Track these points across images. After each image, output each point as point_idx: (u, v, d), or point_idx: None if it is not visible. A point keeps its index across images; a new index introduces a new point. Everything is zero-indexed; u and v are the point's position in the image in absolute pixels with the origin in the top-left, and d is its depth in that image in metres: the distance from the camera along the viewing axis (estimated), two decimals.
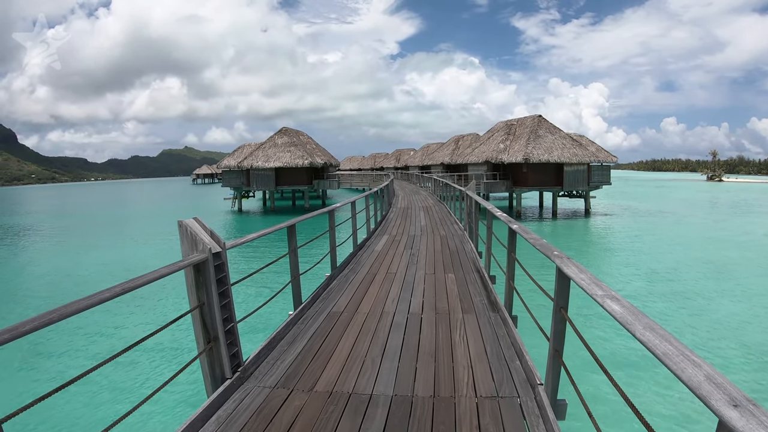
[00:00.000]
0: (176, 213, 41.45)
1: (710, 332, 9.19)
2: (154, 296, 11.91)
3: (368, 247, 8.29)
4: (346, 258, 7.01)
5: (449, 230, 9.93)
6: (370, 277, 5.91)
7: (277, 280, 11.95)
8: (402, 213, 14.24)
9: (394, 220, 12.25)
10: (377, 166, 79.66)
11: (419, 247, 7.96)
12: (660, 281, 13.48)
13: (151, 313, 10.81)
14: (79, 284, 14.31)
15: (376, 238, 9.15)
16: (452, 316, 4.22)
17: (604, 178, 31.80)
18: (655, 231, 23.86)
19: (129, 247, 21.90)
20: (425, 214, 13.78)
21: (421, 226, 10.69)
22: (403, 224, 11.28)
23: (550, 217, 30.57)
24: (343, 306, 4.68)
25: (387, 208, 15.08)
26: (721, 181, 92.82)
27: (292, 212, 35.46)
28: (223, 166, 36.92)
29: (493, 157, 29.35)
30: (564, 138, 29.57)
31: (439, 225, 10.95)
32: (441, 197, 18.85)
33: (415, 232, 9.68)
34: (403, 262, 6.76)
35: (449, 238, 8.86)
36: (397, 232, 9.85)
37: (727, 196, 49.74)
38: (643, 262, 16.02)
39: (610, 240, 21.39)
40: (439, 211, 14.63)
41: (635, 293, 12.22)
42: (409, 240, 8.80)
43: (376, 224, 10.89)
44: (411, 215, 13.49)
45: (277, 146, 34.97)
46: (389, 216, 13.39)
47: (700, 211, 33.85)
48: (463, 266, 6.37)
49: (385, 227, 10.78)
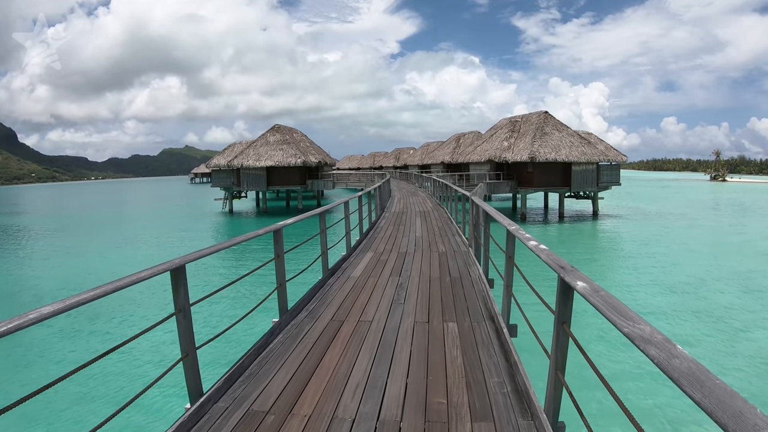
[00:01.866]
0: (164, 215, 39.93)
1: (756, 366, 7.58)
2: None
3: (344, 271, 6.38)
4: (308, 291, 5.05)
5: (450, 244, 8.18)
6: (330, 333, 3.94)
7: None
8: (395, 219, 12.50)
9: (385, 229, 10.44)
10: (376, 165, 78.38)
11: (410, 273, 6.15)
12: (685, 296, 11.86)
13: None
14: (22, 303, 12.72)
15: (357, 257, 7.35)
16: (455, 427, 2.45)
17: (613, 178, 30.15)
18: (669, 235, 22.22)
19: (103, 253, 20.27)
20: (422, 221, 12.02)
21: (416, 239, 8.90)
22: (394, 235, 9.52)
23: (556, 219, 28.93)
24: (267, 405, 2.77)
25: (379, 213, 13.39)
26: (725, 181, 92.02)
27: (285, 213, 33.82)
28: (213, 165, 35.24)
29: (497, 155, 27.67)
30: (572, 136, 27.88)
31: (438, 237, 9.14)
32: (441, 198, 17.16)
33: (407, 248, 7.89)
34: (385, 301, 4.85)
35: (450, 257, 7.14)
36: (385, 247, 8.06)
37: (734, 197, 48.36)
38: (664, 273, 14.39)
39: (623, 246, 19.71)
40: (438, 217, 12.93)
41: (659, 310, 10.63)
42: (398, 260, 6.98)
43: (363, 234, 9.18)
44: (405, 222, 11.73)
45: (269, 144, 33.30)
46: (380, 223, 11.62)
47: (712, 213, 32.24)
48: (470, 308, 4.54)
49: (371, 240, 9.01)
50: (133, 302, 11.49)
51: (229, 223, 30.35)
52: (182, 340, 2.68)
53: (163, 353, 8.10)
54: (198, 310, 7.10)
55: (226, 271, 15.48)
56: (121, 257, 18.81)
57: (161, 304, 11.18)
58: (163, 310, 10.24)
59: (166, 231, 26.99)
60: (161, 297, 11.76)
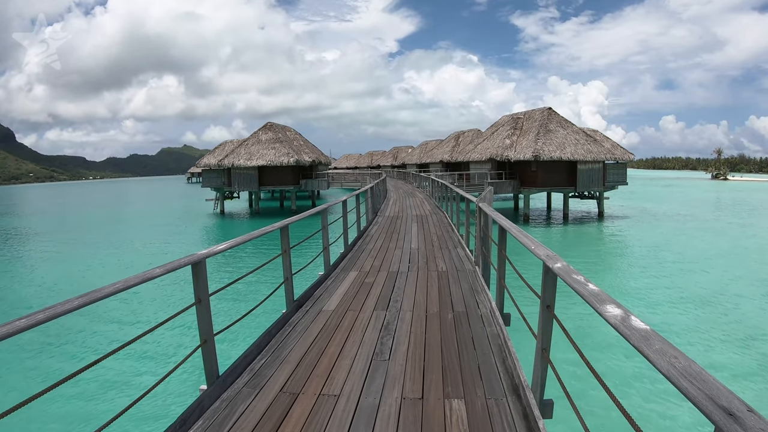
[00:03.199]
0: (153, 217, 38.62)
1: None
2: None
3: (315, 301, 4.89)
4: (258, 341, 3.70)
5: (452, 260, 6.77)
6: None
7: None
8: (389, 225, 11.10)
9: (375, 239, 8.97)
10: (374, 164, 77.25)
11: (401, 304, 4.70)
12: (710, 310, 10.57)
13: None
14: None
15: (336, 279, 5.85)
16: None
17: (620, 177, 28.85)
18: (681, 239, 20.97)
19: (83, 260, 18.96)
20: (419, 227, 10.61)
21: (411, 252, 7.52)
22: (385, 246, 8.14)
23: (560, 220, 27.67)
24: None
25: (371, 217, 12.07)
26: (726, 179, 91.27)
27: (279, 215, 32.51)
28: (203, 164, 33.89)
29: (498, 154, 26.37)
30: (577, 133, 26.59)
31: (437, 248, 7.77)
32: (440, 199, 15.78)
33: (399, 265, 6.46)
34: (362, 356, 3.47)
35: (452, 278, 5.67)
36: (373, 265, 6.59)
37: (739, 196, 47.35)
38: (684, 283, 13.10)
39: (635, 252, 18.40)
40: (437, 222, 11.62)
41: (687, 330, 9.34)
42: (387, 284, 5.52)
43: (348, 246, 7.72)
44: (400, 229, 10.32)
45: (261, 143, 31.95)
46: (371, 231, 10.14)
47: (721, 214, 31.03)
48: (482, 370, 3.17)
49: (358, 253, 7.57)
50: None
51: (220, 226, 29.03)
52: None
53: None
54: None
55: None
56: (100, 265, 17.50)
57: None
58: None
59: (153, 235, 25.68)
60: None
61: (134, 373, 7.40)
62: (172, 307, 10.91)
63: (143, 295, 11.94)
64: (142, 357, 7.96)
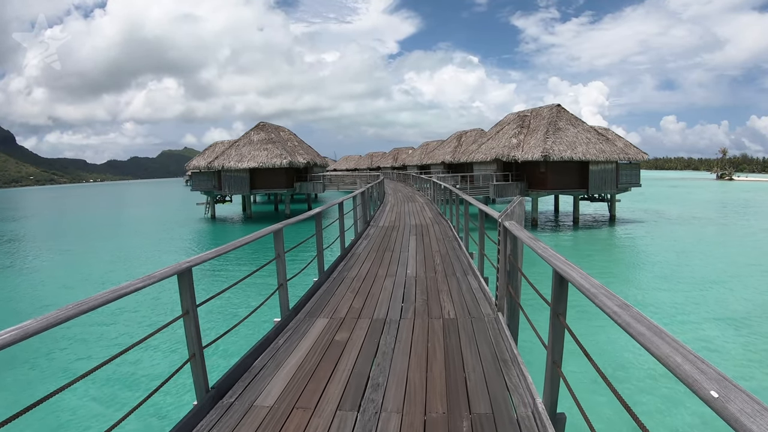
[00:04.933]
0: (143, 222, 37.04)
1: None
2: None
3: (246, 388, 3.06)
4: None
5: (461, 297, 4.84)
6: None
7: None
8: (382, 239, 9.02)
9: (362, 261, 6.99)
10: (374, 165, 75.61)
11: (382, 401, 2.81)
12: (757, 333, 8.88)
13: None
14: None
15: (291, 335, 3.99)
16: None
17: (633, 178, 27.13)
18: (703, 245, 19.26)
19: (53, 272, 17.28)
20: (418, 242, 8.61)
21: (406, 282, 5.54)
22: (373, 273, 6.14)
23: (569, 224, 25.94)
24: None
25: (362, 228, 10.28)
26: (731, 179, 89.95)
27: (274, 219, 30.82)
28: (192, 167, 32.20)
29: (505, 154, 24.62)
30: (588, 131, 24.86)
31: (442, 277, 5.76)
32: (442, 203, 13.99)
33: (388, 309, 4.53)
34: None
35: (466, 338, 3.78)
36: (352, 306, 4.68)
37: (750, 197, 45.93)
38: (717, 298, 11.46)
39: (656, 260, 16.65)
40: (440, 234, 9.66)
41: (733, 356, 7.68)
42: (366, 348, 3.63)
43: (323, 275, 5.76)
44: (394, 246, 8.27)
45: (253, 144, 30.24)
46: (358, 248, 8.10)
47: (738, 217, 29.28)
48: None
49: (334, 285, 5.56)
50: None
51: (208, 233, 27.34)
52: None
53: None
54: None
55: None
56: (69, 277, 15.83)
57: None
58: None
59: (134, 242, 23.99)
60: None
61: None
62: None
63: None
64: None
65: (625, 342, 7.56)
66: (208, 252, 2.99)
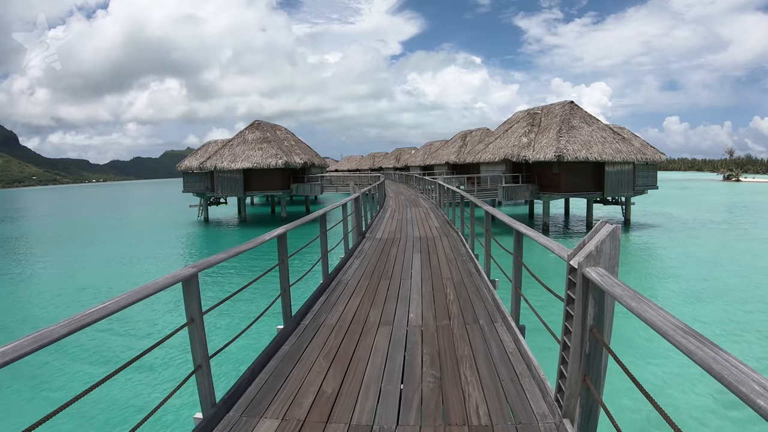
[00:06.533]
0: (134, 225, 35.65)
1: None
2: None
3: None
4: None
5: (492, 364, 3.23)
6: None
7: None
8: (378, 258, 7.18)
9: (348, 295, 5.15)
10: (376, 166, 74.10)
11: None
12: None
13: None
14: None
15: None
16: None
17: (650, 180, 25.48)
18: (729, 253, 17.68)
19: (27, 281, 15.80)
20: (423, 264, 6.69)
21: (408, 337, 3.82)
22: (361, 319, 4.33)
23: (582, 229, 24.31)
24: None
25: (357, 241, 8.56)
26: (738, 180, 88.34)
27: (270, 223, 29.28)
28: (184, 167, 30.71)
29: (514, 154, 23.00)
30: (603, 130, 23.21)
31: (459, 328, 4.02)
32: (449, 206, 12.30)
33: (378, 409, 2.69)
34: None
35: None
36: (320, 393, 2.90)
37: (764, 200, 44.35)
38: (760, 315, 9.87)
39: (681, 271, 15.02)
40: (449, 250, 7.69)
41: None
42: None
43: (290, 322, 4.08)
44: (393, 270, 6.36)
45: (247, 143, 28.70)
46: (346, 274, 6.22)
47: (757, 221, 27.60)
48: None
49: (303, 341, 3.83)
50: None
51: (200, 237, 25.83)
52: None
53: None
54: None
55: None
56: (43, 289, 14.33)
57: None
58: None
59: (122, 249, 22.49)
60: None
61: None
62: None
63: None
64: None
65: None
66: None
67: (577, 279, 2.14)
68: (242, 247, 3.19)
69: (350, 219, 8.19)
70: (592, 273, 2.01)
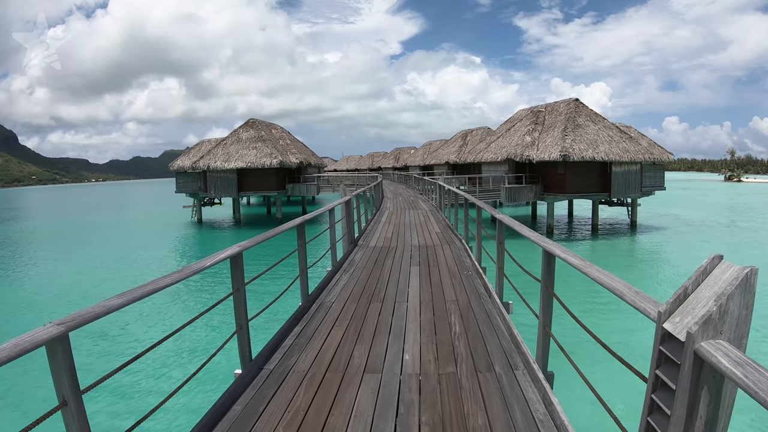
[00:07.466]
0: (127, 225, 34.77)
1: None
2: None
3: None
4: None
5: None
6: None
7: None
8: (369, 275, 6.14)
9: (329, 326, 4.16)
10: (375, 166, 73.22)
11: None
12: None
13: None
14: None
15: None
16: None
17: (657, 181, 24.59)
18: (744, 257, 16.72)
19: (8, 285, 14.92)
20: (423, 281, 5.73)
21: (401, 396, 2.79)
22: (341, 363, 3.33)
23: (588, 232, 23.44)
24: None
25: (348, 250, 7.65)
26: (740, 181, 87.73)
27: (265, 224, 28.38)
28: (176, 167, 29.81)
29: (518, 153, 22.10)
30: (610, 129, 22.32)
31: (469, 379, 2.99)
32: (451, 208, 11.28)
33: None
34: None
35: None
36: None
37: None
38: None
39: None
40: (453, 260, 6.92)
41: None
42: None
43: (248, 368, 3.12)
44: (387, 288, 5.47)
45: (241, 142, 27.79)
46: (330, 294, 5.23)
47: (766, 223, 26.71)
48: None
49: (256, 404, 2.77)
50: None
51: (192, 239, 24.93)
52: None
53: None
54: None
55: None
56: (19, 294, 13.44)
57: None
58: None
59: (110, 251, 21.60)
60: None
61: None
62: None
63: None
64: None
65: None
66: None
67: (683, 357, 1.26)
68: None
69: (340, 226, 7.30)
70: (718, 354, 1.13)
